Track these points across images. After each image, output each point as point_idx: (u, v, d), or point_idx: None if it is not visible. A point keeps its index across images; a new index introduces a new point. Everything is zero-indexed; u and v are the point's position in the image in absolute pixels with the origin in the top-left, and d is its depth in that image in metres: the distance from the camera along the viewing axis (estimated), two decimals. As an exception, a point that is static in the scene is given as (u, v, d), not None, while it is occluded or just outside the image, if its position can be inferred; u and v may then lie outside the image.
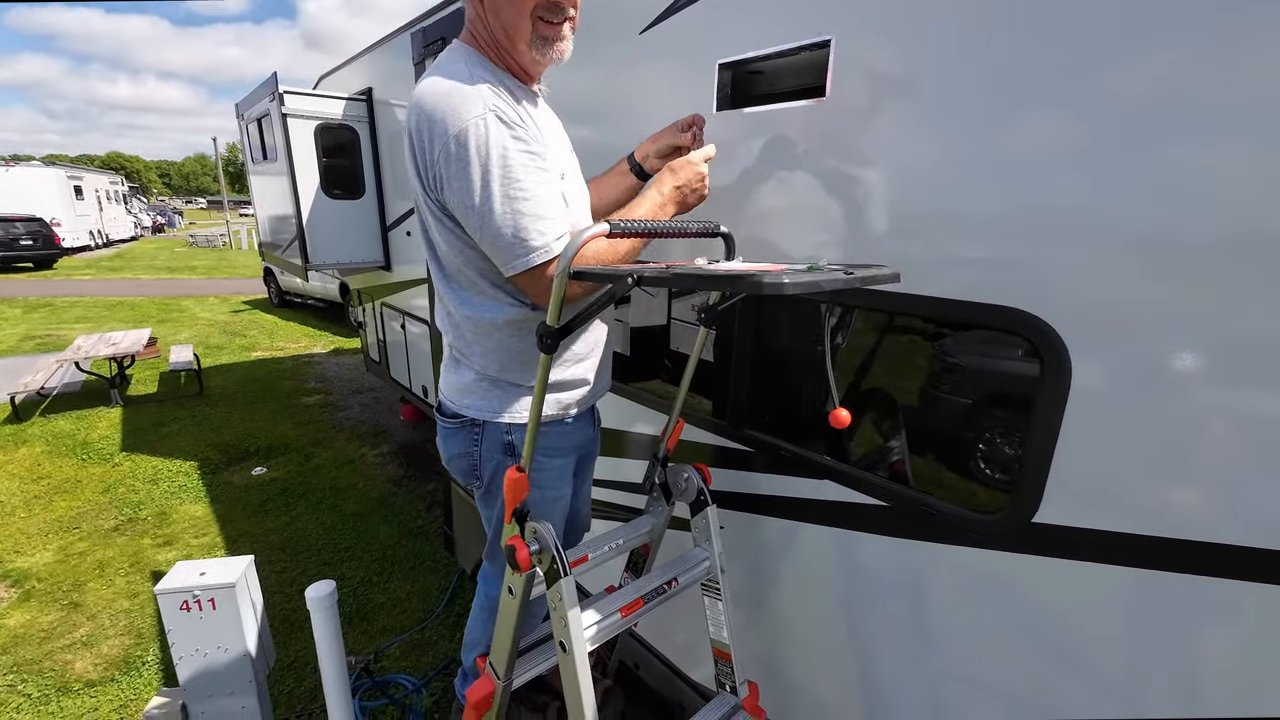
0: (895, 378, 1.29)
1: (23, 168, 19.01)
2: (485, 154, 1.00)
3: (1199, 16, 0.77)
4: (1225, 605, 0.84)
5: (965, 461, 1.19)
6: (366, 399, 6.25)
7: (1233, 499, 0.82)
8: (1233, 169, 0.77)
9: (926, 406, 1.23)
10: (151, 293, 12.75)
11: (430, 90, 1.04)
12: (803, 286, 0.63)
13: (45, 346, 7.89)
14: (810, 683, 1.43)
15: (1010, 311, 0.96)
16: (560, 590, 0.95)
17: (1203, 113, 0.78)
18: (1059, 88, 0.89)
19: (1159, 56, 0.81)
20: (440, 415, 1.29)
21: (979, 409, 1.16)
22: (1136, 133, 0.83)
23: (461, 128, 0.99)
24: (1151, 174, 0.83)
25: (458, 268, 1.15)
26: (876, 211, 1.13)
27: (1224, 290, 0.79)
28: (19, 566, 3.39)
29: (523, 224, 1.02)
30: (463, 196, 1.02)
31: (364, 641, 2.84)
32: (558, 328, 0.88)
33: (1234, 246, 0.78)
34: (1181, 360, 0.83)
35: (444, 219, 1.10)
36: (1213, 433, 0.83)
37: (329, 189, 4.20)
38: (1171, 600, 0.88)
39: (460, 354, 1.23)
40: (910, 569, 1.17)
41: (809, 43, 1.17)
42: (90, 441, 5.02)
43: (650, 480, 1.31)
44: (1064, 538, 0.97)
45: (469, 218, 1.04)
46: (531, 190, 1.03)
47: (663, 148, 1.34)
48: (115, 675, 2.63)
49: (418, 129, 1.05)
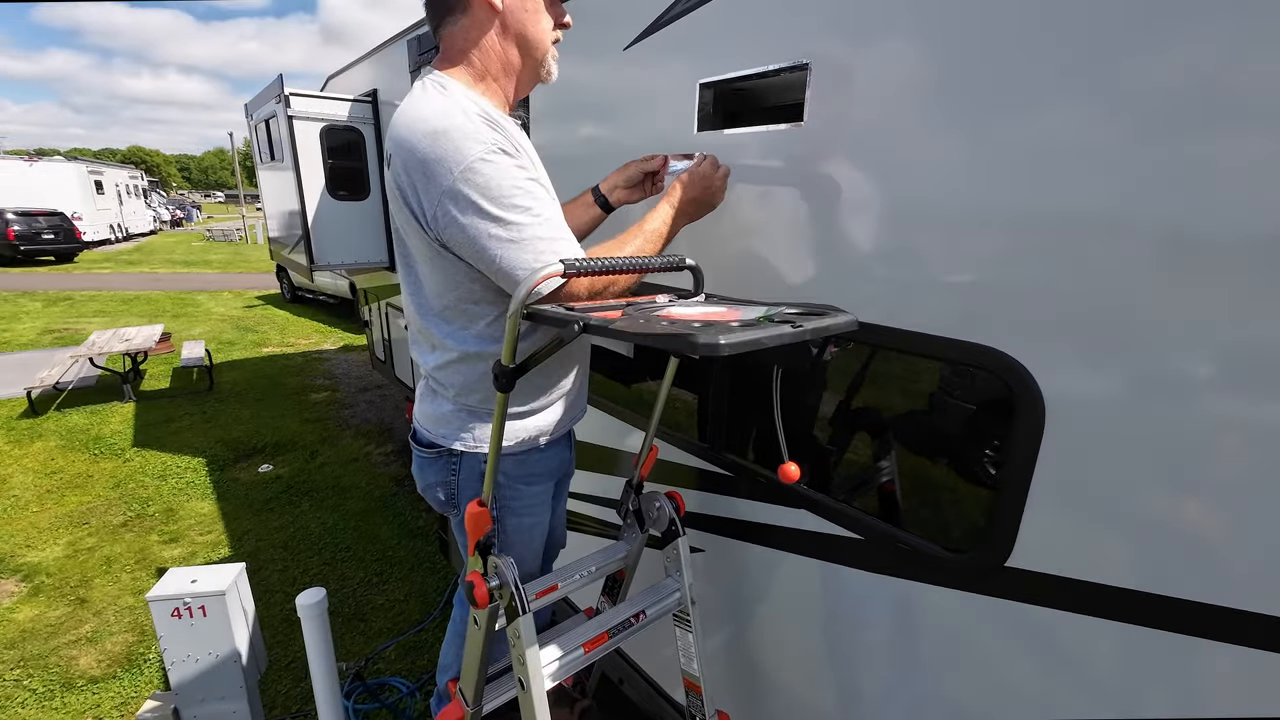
0: (870, 406, 1.26)
1: (45, 163, 19.37)
2: (496, 190, 0.97)
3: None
4: (1210, 670, 0.81)
5: (938, 498, 1.17)
6: (373, 396, 6.31)
7: (1209, 553, 0.79)
8: (1227, 214, 0.74)
9: (902, 438, 1.20)
10: (168, 287, 12.98)
11: (424, 129, 1.00)
12: (741, 346, 0.61)
13: (63, 340, 8.06)
14: (784, 713, 1.41)
15: (982, 349, 0.94)
16: (519, 628, 0.95)
17: (1190, 163, 0.75)
18: (1037, 125, 0.86)
19: (1133, 106, 0.78)
20: (416, 444, 1.28)
21: (953, 444, 1.14)
22: (1114, 170, 0.80)
23: (467, 165, 0.97)
24: (1131, 214, 0.80)
25: (449, 301, 1.12)
26: (847, 241, 1.10)
27: (1206, 331, 0.76)
28: (30, 560, 3.48)
29: (540, 248, 0.99)
30: (474, 234, 0.99)
31: (361, 643, 2.87)
32: (512, 367, 0.87)
33: (1214, 288, 0.75)
34: (1165, 405, 0.80)
35: (442, 252, 1.07)
36: (1191, 484, 0.80)
37: (334, 190, 4.23)
38: (1151, 659, 0.85)
39: (438, 384, 1.21)
40: (883, 603, 1.15)
41: (788, 65, 1.15)
42: (103, 436, 5.13)
43: (624, 506, 1.30)
44: (1038, 584, 0.94)
45: (483, 253, 1.00)
46: (543, 214, 1.02)
47: (632, 175, 1.33)
48: (117, 672, 2.69)
49: (410, 167, 1.01)
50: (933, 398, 1.12)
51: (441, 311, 1.14)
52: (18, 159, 18.98)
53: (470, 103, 1.04)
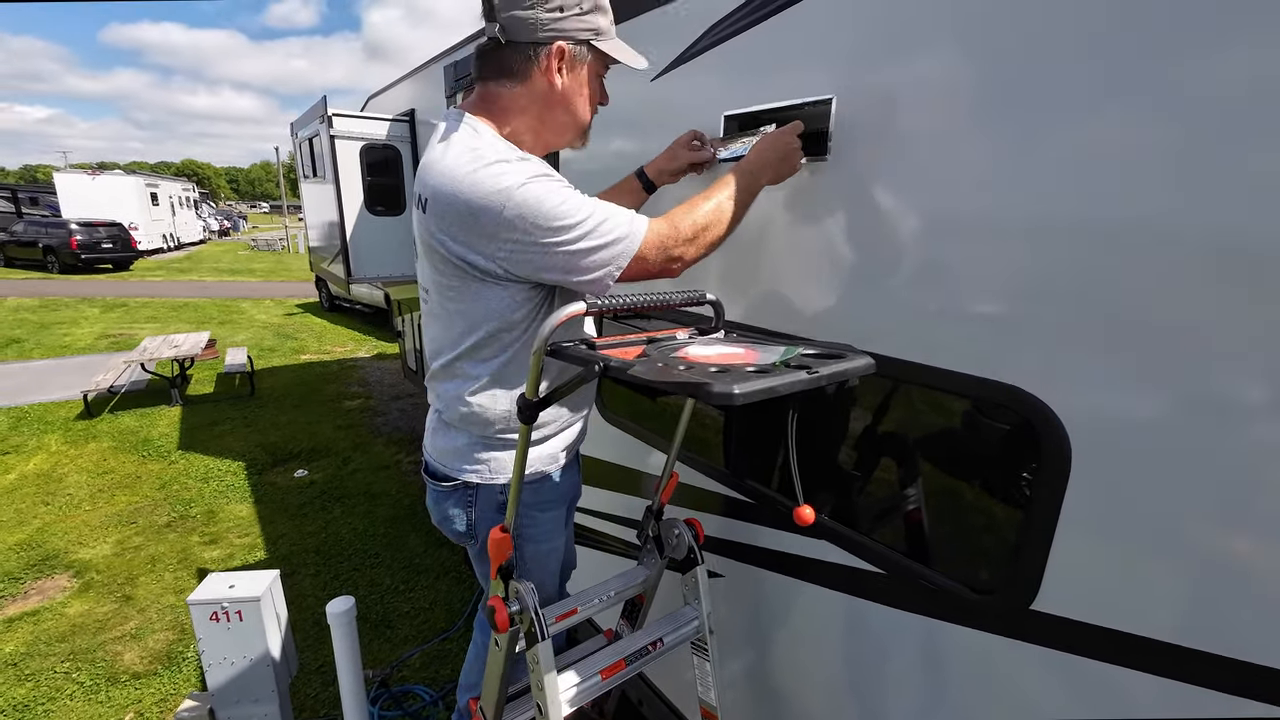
0: (892, 438, 1.25)
1: (107, 176, 20.58)
2: (550, 207, 1.00)
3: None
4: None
5: (961, 535, 1.15)
6: (405, 404, 6.46)
7: (1262, 605, 0.76)
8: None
9: (924, 471, 1.19)
10: (214, 294, 13.56)
11: (463, 170, 1.02)
12: (756, 394, 0.62)
13: (118, 345, 8.49)
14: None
15: (1005, 388, 0.93)
16: (538, 654, 0.97)
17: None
18: (1063, 162, 0.86)
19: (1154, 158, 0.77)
20: (430, 478, 1.29)
21: (975, 480, 1.12)
22: (1140, 208, 0.79)
23: (514, 195, 0.99)
24: (1161, 253, 0.78)
25: (489, 330, 1.13)
26: (871, 275, 1.10)
27: (1255, 357, 0.72)
28: (81, 557, 3.66)
29: (612, 235, 1.02)
30: (543, 252, 1.01)
31: (387, 650, 2.93)
32: (536, 401, 0.90)
33: (1264, 308, 0.72)
34: (1206, 441, 0.78)
35: (488, 282, 1.08)
36: (1238, 528, 0.77)
37: (372, 206, 4.38)
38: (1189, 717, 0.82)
39: (456, 416, 1.22)
40: (904, 640, 1.13)
41: (811, 100, 1.16)
42: (151, 439, 5.37)
43: (645, 531, 1.31)
44: (1066, 630, 0.92)
45: (557, 266, 1.02)
46: (595, 210, 1.03)
47: (680, 168, 1.36)
48: (158, 669, 2.81)
49: (455, 211, 1.02)
50: (955, 431, 1.11)
51: (476, 342, 1.15)
52: (82, 173, 20.19)
53: (500, 142, 1.09)
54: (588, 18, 1.08)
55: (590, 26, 1.09)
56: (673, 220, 1.06)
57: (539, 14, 1.04)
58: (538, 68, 1.08)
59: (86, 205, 18.59)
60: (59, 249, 16.26)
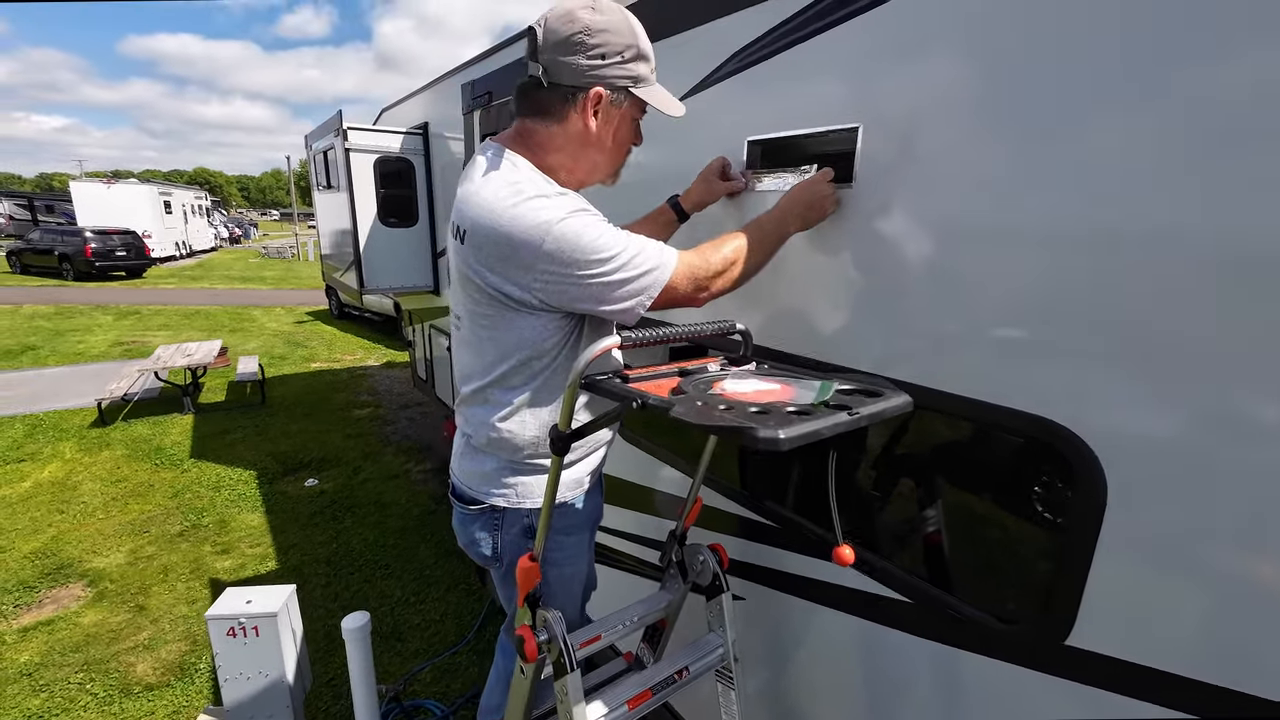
0: (920, 465, 1.24)
1: (121, 185, 20.88)
2: (589, 240, 1.02)
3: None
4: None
5: (990, 565, 1.13)
6: (414, 414, 6.48)
7: None
8: None
9: (952, 498, 1.18)
10: (225, 302, 13.69)
11: (504, 205, 1.04)
12: (801, 439, 0.62)
13: (131, 353, 8.57)
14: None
15: (1039, 420, 0.92)
16: (566, 686, 0.97)
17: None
18: (1090, 192, 0.85)
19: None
20: (458, 500, 1.31)
21: (1007, 508, 1.11)
22: (1168, 230, 0.78)
23: (553, 229, 1.01)
24: (1191, 275, 0.77)
25: (522, 357, 1.15)
26: (900, 303, 1.10)
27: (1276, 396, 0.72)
28: (95, 566, 3.68)
29: (646, 266, 1.05)
30: (581, 284, 1.04)
31: (398, 663, 2.93)
32: (569, 432, 0.90)
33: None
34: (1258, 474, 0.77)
35: (523, 312, 1.10)
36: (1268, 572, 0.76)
37: (385, 218, 4.43)
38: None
39: (486, 441, 1.22)
40: (930, 670, 1.12)
41: (837, 129, 1.16)
42: (163, 447, 5.41)
43: (668, 557, 1.31)
44: (1102, 667, 0.90)
45: (594, 298, 1.05)
46: (630, 244, 1.06)
47: (716, 199, 1.39)
48: (171, 681, 2.81)
49: (496, 243, 1.05)
50: (986, 459, 1.10)
51: (507, 370, 1.16)
52: (98, 181, 20.49)
53: (538, 175, 1.12)
54: (629, 65, 1.10)
55: (630, 74, 1.11)
56: (703, 254, 1.10)
57: (580, 60, 1.05)
58: (575, 110, 1.11)
59: (101, 213, 18.84)
60: (74, 256, 16.48)
